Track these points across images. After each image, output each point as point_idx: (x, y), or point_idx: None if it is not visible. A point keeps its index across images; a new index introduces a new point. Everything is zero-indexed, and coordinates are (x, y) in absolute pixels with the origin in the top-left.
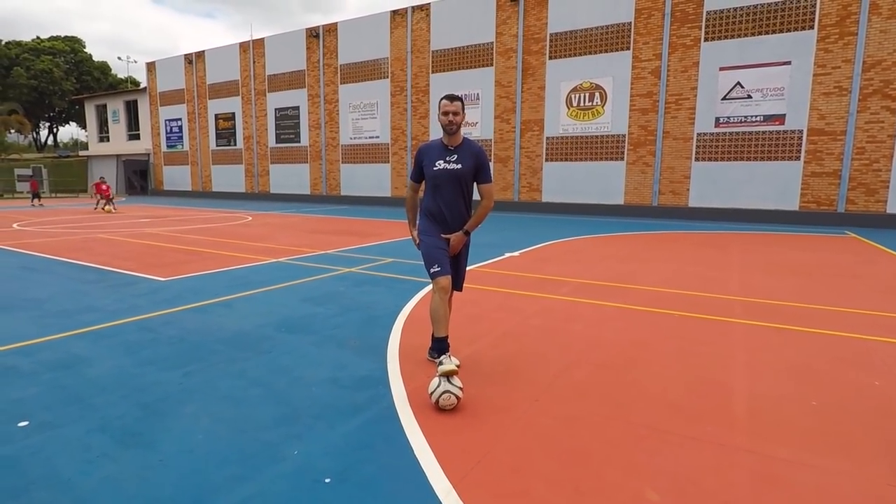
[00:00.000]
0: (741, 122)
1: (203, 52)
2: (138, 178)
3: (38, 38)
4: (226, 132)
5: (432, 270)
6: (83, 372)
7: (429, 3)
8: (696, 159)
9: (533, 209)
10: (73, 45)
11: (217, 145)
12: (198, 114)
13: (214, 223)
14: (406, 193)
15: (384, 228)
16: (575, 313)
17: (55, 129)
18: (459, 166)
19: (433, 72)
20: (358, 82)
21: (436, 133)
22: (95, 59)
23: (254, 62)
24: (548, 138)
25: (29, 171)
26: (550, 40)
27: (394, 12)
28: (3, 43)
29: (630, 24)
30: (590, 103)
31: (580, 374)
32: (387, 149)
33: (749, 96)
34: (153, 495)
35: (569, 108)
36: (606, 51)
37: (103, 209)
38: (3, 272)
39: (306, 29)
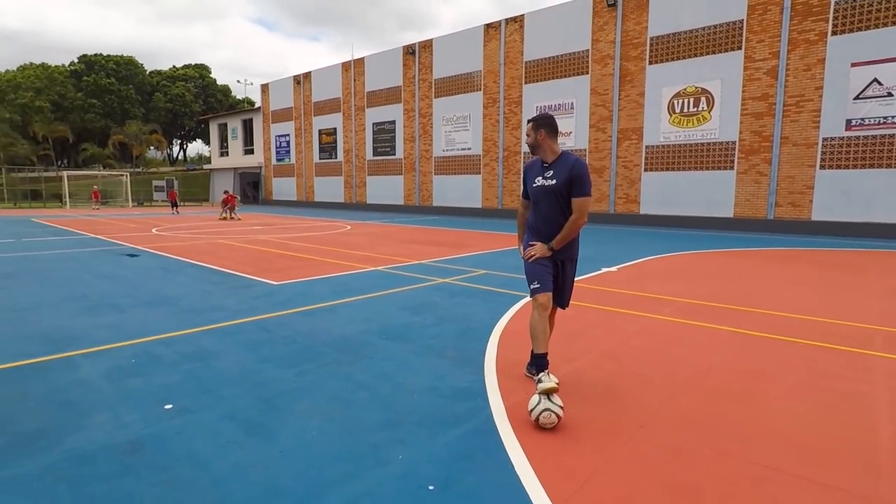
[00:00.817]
0: (879, 123)
1: (310, 72)
2: (251, 188)
3: (173, 66)
4: (328, 146)
5: (532, 287)
6: (213, 365)
7: (523, 15)
8: (822, 167)
9: (630, 221)
10: (201, 72)
11: (320, 158)
12: (304, 130)
13: (317, 231)
14: (518, 210)
15: (476, 240)
16: (680, 335)
17: (185, 146)
18: (554, 182)
19: (526, 82)
20: (451, 96)
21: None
22: (219, 83)
23: (354, 80)
24: (647, 147)
25: (163, 183)
26: (651, 44)
27: (487, 26)
28: (147, 72)
29: (742, 21)
30: (695, 109)
31: (689, 402)
32: (478, 160)
33: (889, 94)
34: (276, 484)
35: (671, 115)
36: (714, 52)
37: (230, 217)
38: (149, 272)
39: (403, 47)
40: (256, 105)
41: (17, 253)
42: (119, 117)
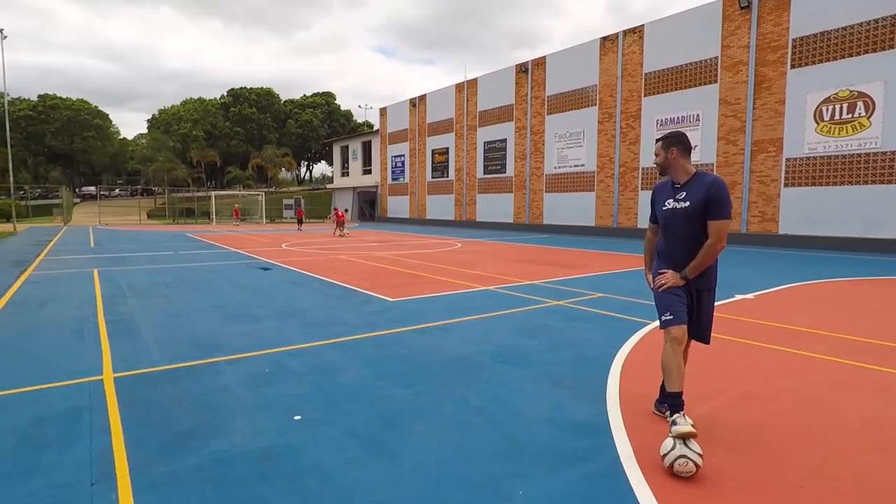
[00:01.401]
0: None
1: (424, 95)
2: (368, 206)
3: (304, 95)
4: (440, 165)
5: (664, 318)
6: (336, 378)
7: (642, 25)
8: None
9: (765, 242)
10: (327, 99)
11: (432, 177)
12: (417, 150)
13: (429, 249)
14: (645, 236)
15: (590, 260)
16: (841, 378)
17: (311, 167)
18: (687, 204)
19: (645, 95)
20: (564, 112)
21: (647, 160)
22: (342, 108)
23: (467, 100)
24: (788, 160)
25: (292, 202)
26: (793, 46)
27: (604, 39)
28: (282, 102)
29: None
30: (849, 115)
31: (861, 461)
32: (592, 177)
33: None
34: None
35: (818, 123)
36: (874, 50)
37: (341, 234)
38: (279, 285)
39: (516, 65)
40: (375, 128)
41: (175, 265)
42: (258, 143)
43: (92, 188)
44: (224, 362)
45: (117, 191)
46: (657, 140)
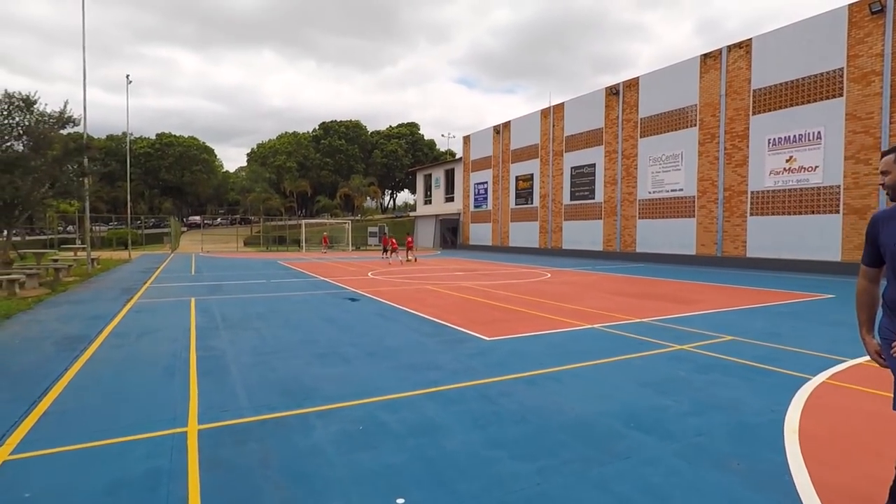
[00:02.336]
0: None
1: (509, 122)
2: (450, 234)
3: (389, 126)
4: (524, 192)
5: None
6: (441, 443)
7: (749, 40)
8: None
9: None
10: (411, 129)
11: (516, 204)
12: (501, 177)
13: (517, 279)
14: (857, 283)
15: (701, 294)
16: None
17: (394, 195)
18: None
19: (754, 113)
20: (660, 134)
21: (756, 182)
22: (426, 137)
23: (553, 125)
24: None
25: (376, 229)
26: None
27: (704, 56)
28: (369, 133)
29: None
30: None
31: None
32: (692, 202)
33: None
34: None
35: None
36: None
37: (407, 260)
38: (367, 318)
39: (605, 88)
40: (458, 156)
41: (267, 294)
42: (345, 173)
43: (197, 218)
44: (314, 414)
45: (219, 220)
46: (885, 153)
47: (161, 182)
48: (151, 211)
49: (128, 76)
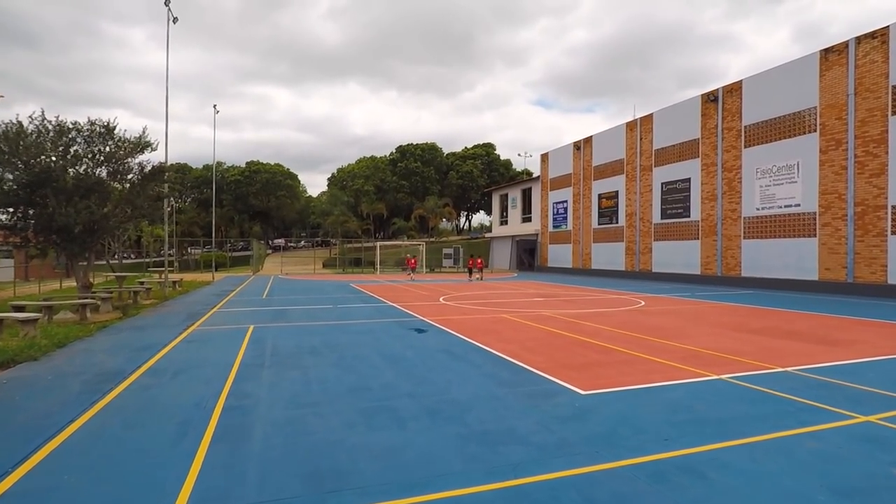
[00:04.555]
0: None
1: (590, 137)
2: (528, 255)
3: (465, 147)
4: (608, 210)
5: None
6: None
7: (886, 28)
8: None
9: None
10: (487, 150)
11: (599, 224)
12: (582, 195)
13: (606, 306)
14: None
15: (852, 331)
16: None
17: (470, 216)
18: None
19: (894, 113)
20: (769, 142)
21: None
22: (501, 158)
23: (640, 139)
24: None
25: (451, 251)
26: None
27: (826, 51)
28: (444, 155)
29: None
30: None
31: None
32: (812, 219)
33: None
34: None
35: None
36: None
37: (478, 279)
38: (433, 357)
39: (702, 95)
40: (535, 175)
41: (330, 322)
42: (421, 194)
43: (281, 241)
44: None
45: (302, 242)
46: None
47: (250, 207)
48: (241, 234)
49: (215, 106)
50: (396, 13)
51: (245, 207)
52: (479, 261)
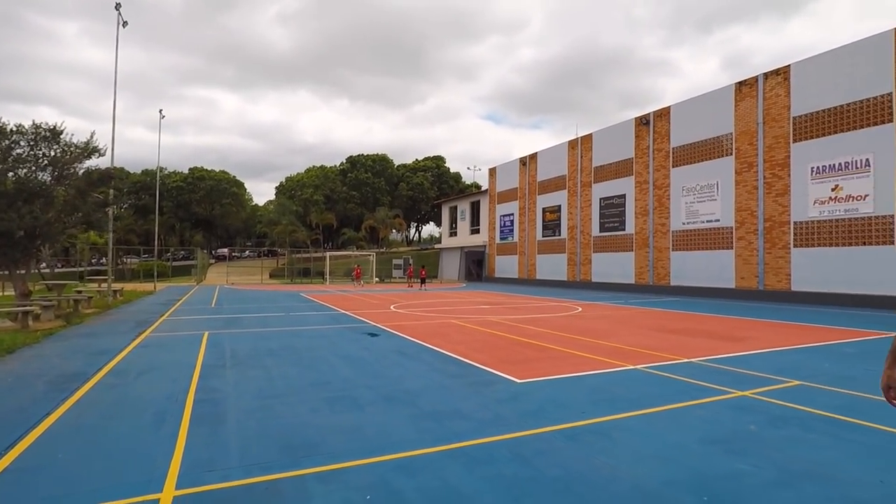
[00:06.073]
0: None
1: (535, 153)
2: (476, 266)
3: (416, 159)
4: (551, 223)
5: None
6: None
7: (787, 66)
8: None
9: None
10: (437, 162)
11: (543, 236)
12: (527, 208)
13: (547, 313)
14: None
15: (750, 330)
16: None
17: (420, 228)
18: None
19: (795, 141)
20: (693, 164)
21: (800, 212)
22: (452, 170)
23: (581, 156)
24: None
25: (401, 261)
26: None
27: (739, 84)
28: (395, 166)
29: None
30: None
31: None
32: (729, 233)
33: None
34: None
35: None
36: None
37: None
38: (386, 356)
39: (635, 118)
40: (483, 188)
41: (284, 328)
42: (371, 205)
43: (225, 250)
44: (314, 476)
45: (247, 252)
46: None
47: (192, 215)
48: (182, 243)
49: (160, 111)
50: (348, 22)
51: (187, 215)
52: (422, 270)
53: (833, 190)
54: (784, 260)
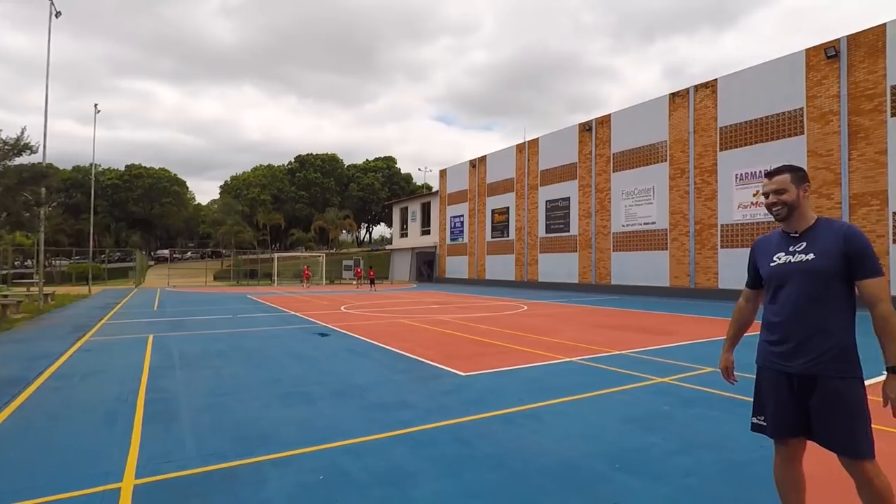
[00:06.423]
0: None
1: (485, 156)
2: (426, 267)
3: (366, 160)
4: (500, 225)
5: (754, 421)
6: (409, 494)
7: (715, 80)
8: None
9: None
10: (388, 163)
11: (492, 237)
12: (477, 210)
13: (494, 311)
14: (737, 302)
15: (679, 325)
16: None
17: (370, 228)
18: (811, 256)
19: (721, 149)
20: (632, 169)
21: (726, 216)
22: (403, 171)
23: (528, 160)
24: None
25: (351, 262)
26: (893, 94)
27: (673, 95)
28: (346, 166)
29: None
30: None
31: None
32: (664, 235)
33: None
34: None
35: None
36: None
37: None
38: (337, 355)
39: (579, 124)
40: (434, 189)
41: (232, 329)
42: (321, 205)
43: (166, 251)
44: (269, 463)
45: (189, 254)
46: (776, 173)
47: (129, 215)
48: (117, 244)
49: (96, 105)
50: (296, 17)
51: (123, 214)
52: (371, 271)
53: (754, 195)
54: (712, 260)
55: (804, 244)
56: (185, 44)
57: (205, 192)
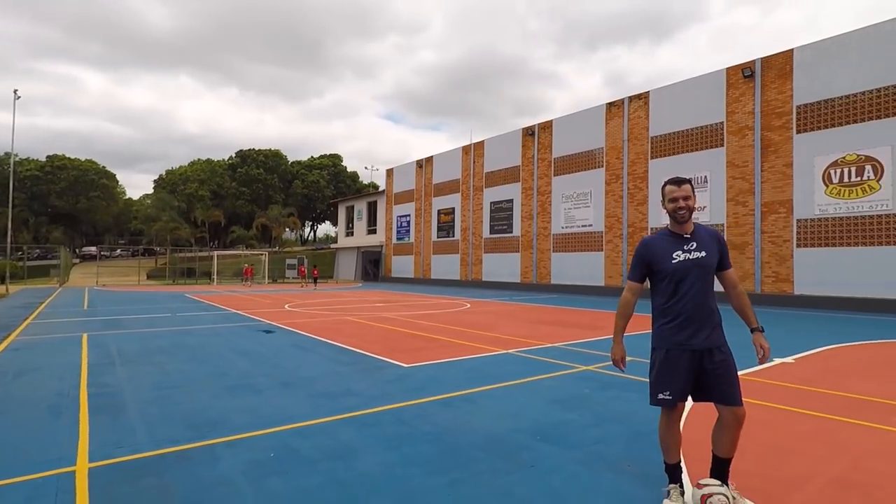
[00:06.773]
0: None
1: (431, 157)
2: (372, 266)
3: (311, 157)
4: (446, 225)
5: (661, 397)
6: (354, 465)
7: (647, 92)
8: None
9: (780, 303)
10: (334, 161)
11: (438, 237)
12: (423, 210)
13: (438, 309)
14: (623, 296)
15: (608, 320)
16: None
17: (315, 227)
18: (704, 254)
19: (652, 157)
20: (571, 173)
21: (655, 220)
22: (349, 169)
23: (473, 162)
24: (799, 221)
25: (295, 261)
26: (798, 113)
27: (609, 104)
28: (290, 163)
29: None
30: (858, 178)
31: None
32: (600, 237)
33: None
34: None
35: (827, 186)
36: (879, 117)
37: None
38: (283, 350)
39: (522, 129)
40: (381, 188)
41: (172, 328)
42: (263, 203)
43: (93, 248)
44: (222, 445)
45: (119, 251)
46: (682, 182)
47: (51, 209)
48: (37, 241)
49: (15, 91)
50: (236, 5)
51: (43, 208)
52: (314, 270)
53: None
54: None
55: (695, 244)
56: (113, 26)
57: (137, 185)
